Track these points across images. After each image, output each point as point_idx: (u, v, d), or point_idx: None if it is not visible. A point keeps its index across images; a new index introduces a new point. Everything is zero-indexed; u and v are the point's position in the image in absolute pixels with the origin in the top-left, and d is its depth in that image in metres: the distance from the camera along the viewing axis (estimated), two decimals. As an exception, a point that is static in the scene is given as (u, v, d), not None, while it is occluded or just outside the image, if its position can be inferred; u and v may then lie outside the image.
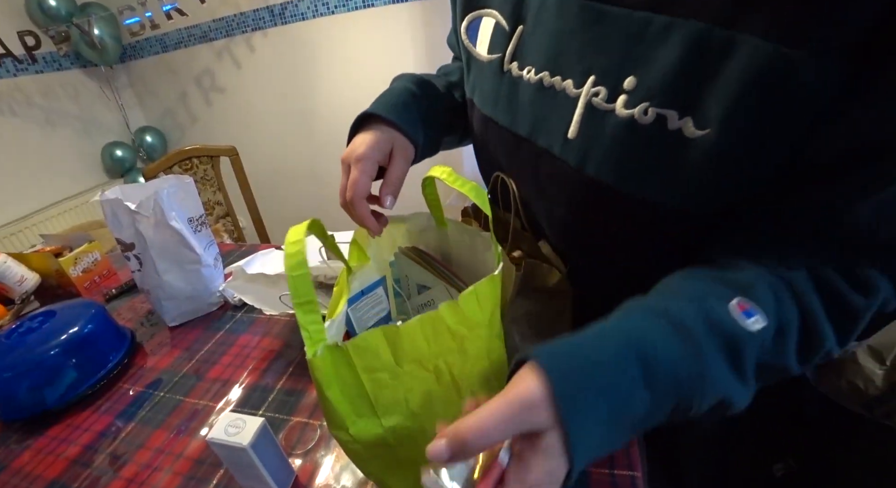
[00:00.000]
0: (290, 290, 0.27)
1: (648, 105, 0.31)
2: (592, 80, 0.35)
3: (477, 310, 0.32)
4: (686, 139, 0.31)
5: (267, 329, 0.78)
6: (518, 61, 0.41)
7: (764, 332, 0.28)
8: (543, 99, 0.39)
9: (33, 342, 0.69)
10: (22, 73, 1.96)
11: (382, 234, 0.46)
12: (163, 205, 0.76)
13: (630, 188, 0.35)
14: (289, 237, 0.28)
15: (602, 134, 0.35)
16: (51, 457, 0.60)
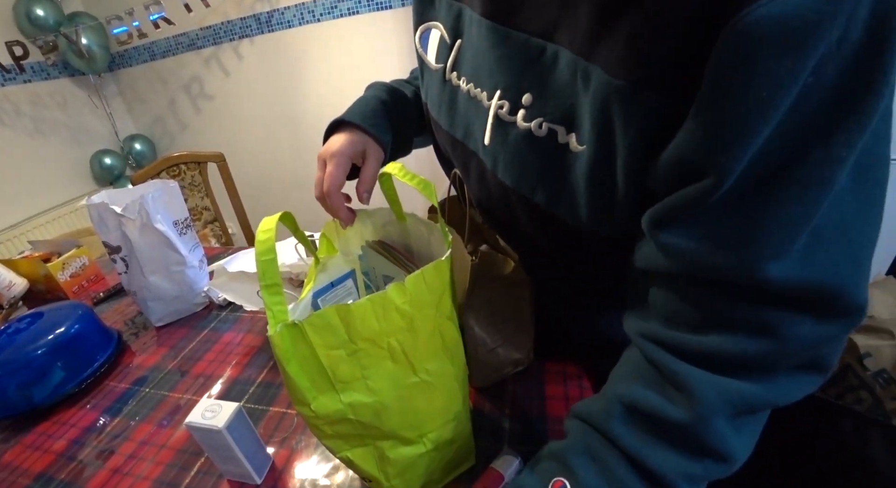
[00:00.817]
0: (258, 274, 0.29)
1: (542, 120, 0.35)
2: (499, 94, 0.39)
3: (424, 291, 0.35)
4: (572, 153, 0.34)
5: (250, 326, 0.81)
6: (457, 71, 0.45)
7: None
8: (471, 107, 0.44)
9: (21, 342, 0.71)
10: (10, 82, 1.98)
11: (352, 229, 0.49)
12: (148, 209, 0.78)
13: (525, 191, 0.39)
14: (261, 226, 0.31)
15: (506, 142, 0.39)
16: (38, 452, 0.63)
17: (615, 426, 0.32)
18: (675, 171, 0.28)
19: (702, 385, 0.29)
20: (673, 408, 0.30)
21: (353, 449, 0.39)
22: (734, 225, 0.27)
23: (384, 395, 0.36)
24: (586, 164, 0.33)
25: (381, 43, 1.92)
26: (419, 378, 0.37)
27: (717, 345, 0.29)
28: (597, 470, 0.32)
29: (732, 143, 0.24)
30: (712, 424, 0.29)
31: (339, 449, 0.39)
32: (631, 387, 0.33)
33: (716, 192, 0.26)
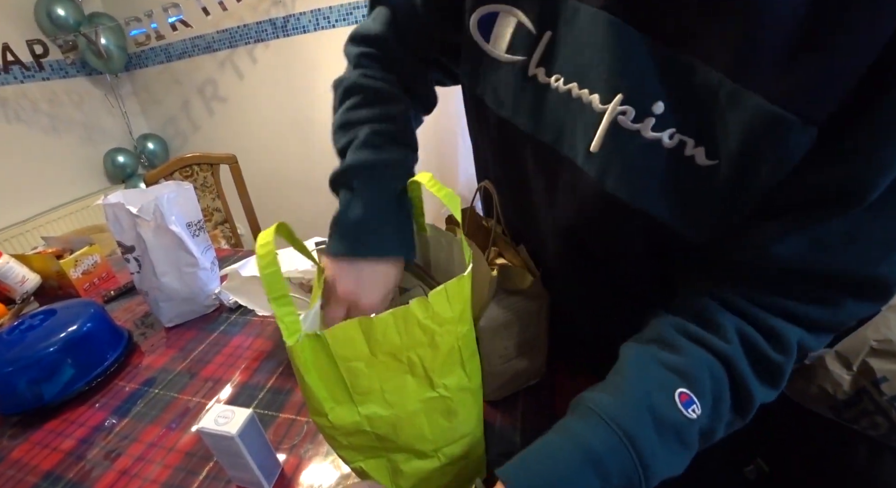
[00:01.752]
0: (264, 287, 0.30)
1: (675, 131, 0.34)
2: (619, 98, 0.35)
3: (447, 307, 0.34)
4: (697, 166, 0.34)
5: (260, 330, 0.81)
6: (545, 68, 0.40)
7: (702, 413, 0.34)
8: (570, 109, 0.39)
9: (33, 339, 0.72)
10: (29, 79, 2.01)
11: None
12: (163, 210, 0.79)
13: (645, 204, 0.37)
14: (259, 240, 0.31)
15: (624, 152, 0.36)
16: (46, 450, 0.63)
17: (737, 353, 0.35)
18: (819, 192, 0.31)
19: (792, 335, 0.35)
20: (772, 350, 0.35)
21: (367, 460, 0.39)
22: (843, 234, 0.32)
23: (401, 409, 0.36)
24: (714, 178, 0.34)
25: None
26: (437, 393, 0.37)
27: (795, 309, 0.35)
28: (713, 387, 0.34)
29: (885, 177, 0.29)
30: (792, 363, 0.35)
31: (353, 460, 0.39)
32: (738, 322, 0.36)
33: (847, 212, 0.31)
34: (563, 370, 0.62)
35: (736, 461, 0.70)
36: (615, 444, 0.32)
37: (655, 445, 0.33)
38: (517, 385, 0.58)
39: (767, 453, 0.70)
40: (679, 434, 0.33)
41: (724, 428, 0.36)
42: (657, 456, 0.32)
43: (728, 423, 0.36)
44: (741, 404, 0.35)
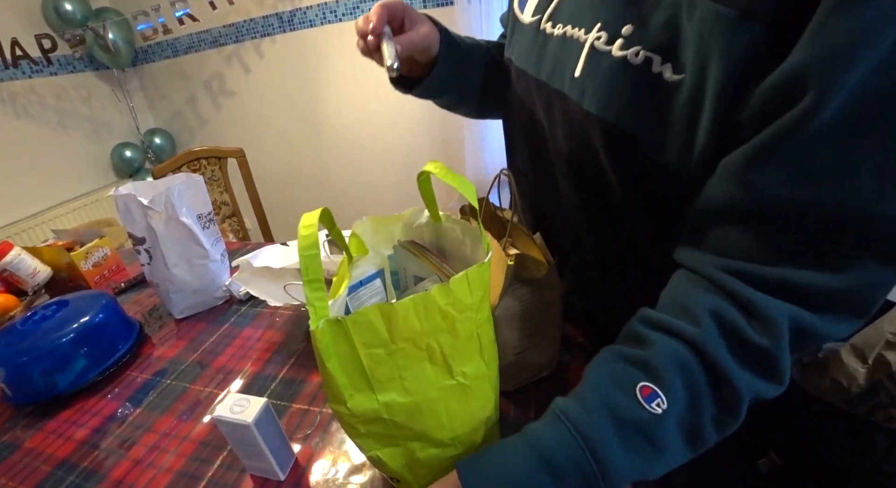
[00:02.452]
0: (301, 269, 0.29)
1: (640, 48, 0.37)
2: (598, 26, 0.41)
3: (467, 294, 0.34)
4: (665, 82, 0.35)
5: (270, 322, 0.81)
6: (552, 21, 0.48)
7: (671, 408, 0.32)
8: (563, 48, 0.46)
9: (47, 329, 0.72)
10: (37, 74, 2.01)
11: (381, 230, 0.49)
12: (174, 202, 0.79)
13: (611, 118, 0.40)
14: (303, 221, 0.31)
15: (598, 71, 0.41)
16: (61, 439, 0.63)
17: (709, 337, 0.32)
18: (774, 97, 0.29)
19: (779, 313, 0.31)
20: (754, 332, 0.31)
21: (384, 448, 0.39)
22: (830, 160, 0.28)
23: (419, 396, 0.36)
24: (679, 92, 0.34)
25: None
26: (455, 380, 0.37)
27: (787, 276, 0.31)
28: (683, 378, 0.32)
29: (837, 67, 0.26)
30: (785, 349, 0.31)
31: (370, 448, 0.39)
32: (714, 301, 0.33)
33: (814, 118, 0.27)
34: (574, 362, 0.61)
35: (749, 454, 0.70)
36: (567, 441, 0.32)
37: (614, 443, 0.32)
38: (530, 376, 0.57)
39: (780, 446, 0.70)
40: (644, 431, 0.32)
41: (712, 423, 0.33)
42: (615, 454, 0.31)
43: (714, 419, 0.33)
44: (722, 395, 0.32)
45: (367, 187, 2.28)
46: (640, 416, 0.32)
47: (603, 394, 0.33)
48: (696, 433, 0.33)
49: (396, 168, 2.19)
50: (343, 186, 2.34)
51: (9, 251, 0.97)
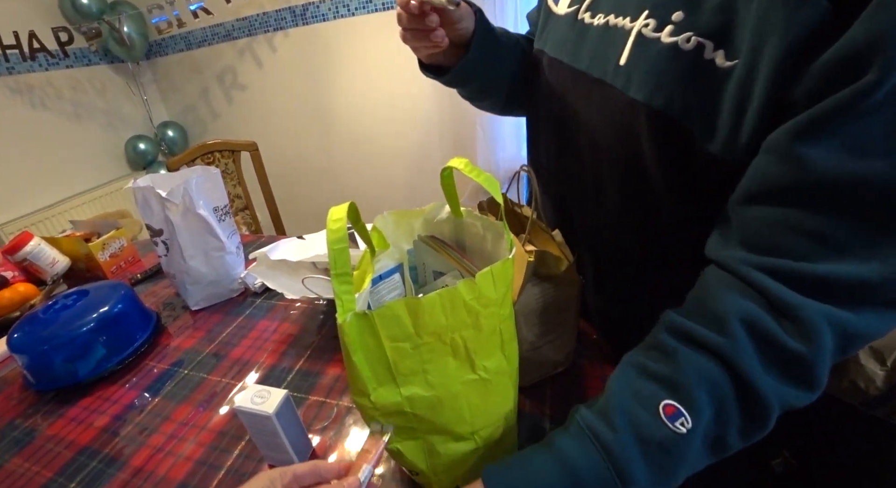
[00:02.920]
0: (329, 262, 0.30)
1: (692, 34, 0.37)
2: (645, 13, 0.41)
3: (491, 289, 0.34)
4: (717, 68, 0.35)
5: (285, 315, 0.82)
6: (591, 11, 0.49)
7: (696, 427, 0.31)
8: (605, 37, 0.46)
9: (68, 318, 0.74)
10: (53, 67, 2.03)
11: (401, 224, 0.49)
12: (191, 194, 0.80)
13: (659, 104, 0.40)
14: (331, 215, 0.31)
15: (646, 58, 0.41)
16: (82, 426, 0.64)
17: (738, 348, 0.31)
18: (834, 73, 0.28)
19: (817, 317, 0.29)
20: (788, 337, 0.30)
21: (404, 441, 0.39)
22: (886, 136, 0.27)
23: (442, 390, 0.36)
24: (731, 78, 0.34)
25: (415, 39, 1.92)
26: (477, 375, 0.37)
27: (828, 272, 0.30)
28: (709, 393, 0.31)
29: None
30: (824, 356, 0.30)
31: (390, 441, 0.39)
32: (745, 304, 0.32)
33: (874, 93, 0.26)
34: (589, 359, 0.61)
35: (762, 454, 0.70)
36: (595, 463, 0.32)
37: (639, 462, 0.31)
38: (545, 372, 0.58)
39: (795, 446, 0.69)
40: (668, 450, 0.31)
41: (738, 434, 0.32)
42: (640, 472, 0.31)
43: (741, 429, 0.32)
44: (750, 407, 0.31)
45: (377, 182, 2.29)
46: (664, 436, 0.31)
47: (627, 411, 0.33)
48: (720, 443, 0.32)
49: (407, 164, 2.19)
50: (353, 181, 2.34)
51: (29, 241, 0.99)
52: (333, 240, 0.30)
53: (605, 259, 0.55)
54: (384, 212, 0.47)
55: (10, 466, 0.60)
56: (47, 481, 0.56)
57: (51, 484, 0.56)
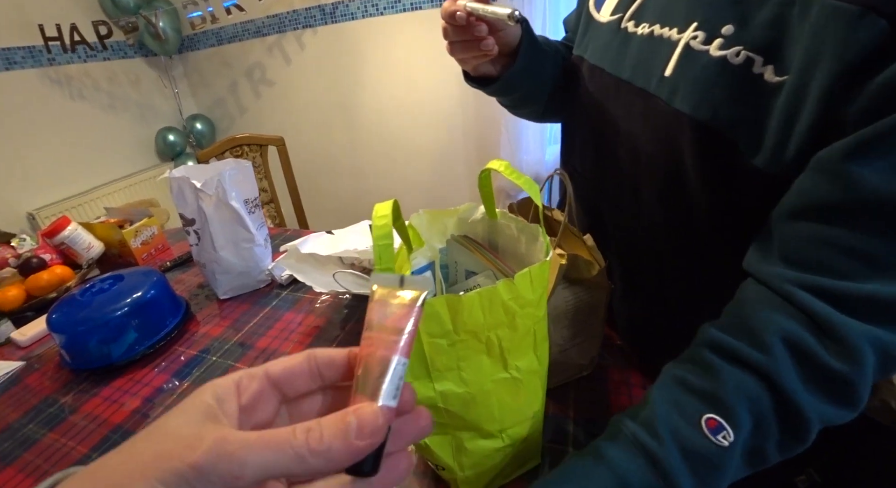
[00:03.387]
0: (374, 257, 0.31)
1: (742, 48, 0.37)
2: (694, 26, 0.41)
3: (529, 290, 0.35)
4: (765, 83, 0.35)
5: (310, 308, 0.83)
6: (635, 20, 0.49)
7: (737, 439, 0.31)
8: (649, 47, 0.46)
9: (103, 301, 0.76)
10: (91, 59, 2.10)
11: (435, 223, 0.50)
12: (224, 186, 0.82)
13: (704, 115, 0.40)
14: (377, 211, 0.32)
15: (692, 70, 0.41)
16: (115, 406, 0.67)
17: (779, 366, 0.31)
18: (890, 93, 0.29)
19: (860, 338, 0.30)
20: (830, 357, 0.30)
21: (433, 436, 0.40)
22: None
23: (475, 387, 0.37)
24: (780, 94, 0.34)
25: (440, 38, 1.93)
26: (509, 374, 0.37)
27: (873, 292, 0.30)
28: (750, 409, 0.32)
29: None
30: (866, 376, 0.30)
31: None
32: (786, 323, 0.32)
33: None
34: (613, 365, 0.61)
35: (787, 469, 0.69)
36: (644, 470, 0.32)
37: (685, 475, 0.32)
38: (569, 375, 0.58)
39: (821, 464, 0.68)
40: (710, 462, 0.32)
41: (776, 447, 0.33)
42: (686, 483, 0.31)
43: (779, 443, 0.33)
44: (790, 423, 0.32)
45: (399, 181, 2.31)
46: (707, 449, 0.32)
47: (671, 424, 0.33)
48: (759, 456, 0.33)
49: (430, 163, 2.21)
50: (376, 179, 2.37)
51: (67, 225, 1.03)
52: (379, 235, 0.31)
53: (638, 267, 0.55)
54: (419, 210, 0.47)
55: (46, 440, 0.62)
56: (82, 457, 0.59)
57: (85, 459, 0.58)
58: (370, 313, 0.22)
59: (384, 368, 0.20)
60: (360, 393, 0.20)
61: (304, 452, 0.17)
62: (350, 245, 0.72)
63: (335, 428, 0.18)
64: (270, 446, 0.17)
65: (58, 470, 0.57)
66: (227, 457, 0.17)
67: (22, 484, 0.56)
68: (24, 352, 0.83)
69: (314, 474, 0.19)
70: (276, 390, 0.22)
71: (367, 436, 0.18)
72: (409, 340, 0.21)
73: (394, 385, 0.20)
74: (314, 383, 0.23)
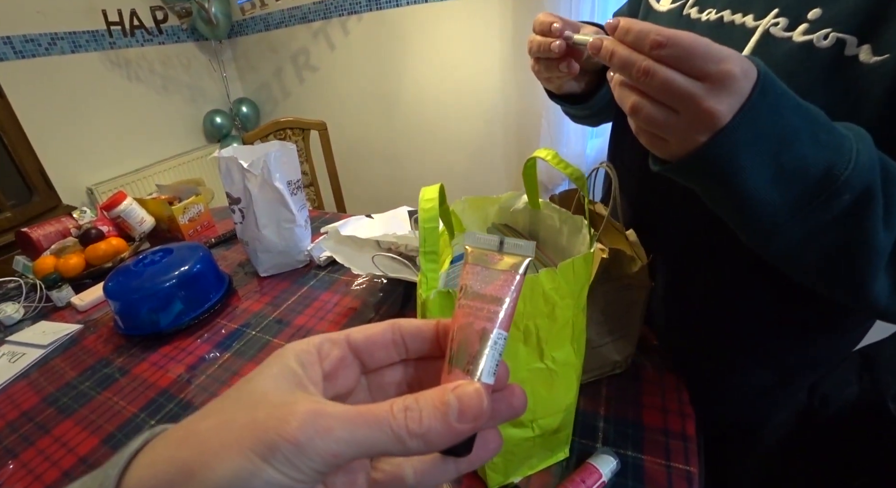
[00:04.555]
0: (420, 240, 0.31)
1: (831, 30, 0.35)
2: (776, 12, 0.39)
3: (572, 281, 0.34)
4: (860, 64, 0.34)
5: (346, 290, 0.85)
6: (699, 6, 0.47)
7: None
8: (717, 34, 0.43)
9: (154, 272, 0.81)
10: (148, 43, 2.20)
11: (477, 211, 0.50)
12: (270, 167, 0.84)
13: None
14: (423, 195, 0.33)
15: (772, 58, 0.38)
16: (162, 371, 0.71)
17: None
18: None
19: None
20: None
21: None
22: None
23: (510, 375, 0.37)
24: (876, 74, 0.33)
25: (484, 29, 1.91)
26: (544, 364, 0.37)
27: None
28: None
29: None
30: None
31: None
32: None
33: None
34: (648, 364, 0.60)
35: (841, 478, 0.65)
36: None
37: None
38: (604, 371, 0.57)
39: (875, 473, 0.64)
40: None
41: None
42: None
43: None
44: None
45: (436, 170, 2.31)
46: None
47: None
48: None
49: (468, 154, 2.20)
50: (413, 167, 2.38)
51: (123, 200, 1.09)
52: (426, 218, 0.31)
53: (688, 265, 0.53)
54: (462, 197, 0.47)
55: (101, 398, 0.67)
56: (131, 416, 0.63)
57: (134, 418, 0.62)
58: (465, 277, 0.20)
59: (483, 342, 0.18)
60: (455, 368, 0.18)
61: (402, 433, 0.16)
62: (388, 229, 0.73)
63: (434, 409, 0.17)
64: (370, 424, 0.16)
65: (111, 426, 0.61)
66: (325, 433, 0.15)
67: (78, 436, 0.61)
68: (83, 316, 0.89)
69: (409, 455, 0.18)
70: (356, 359, 0.21)
71: (470, 420, 0.17)
72: (509, 311, 0.19)
73: (494, 360, 0.18)
74: (397, 354, 0.21)
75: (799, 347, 0.54)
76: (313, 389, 0.18)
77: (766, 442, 0.64)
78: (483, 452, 0.19)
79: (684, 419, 0.52)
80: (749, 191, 0.31)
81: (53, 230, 1.10)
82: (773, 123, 0.30)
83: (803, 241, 0.33)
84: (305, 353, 0.19)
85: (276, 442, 0.15)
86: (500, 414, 0.19)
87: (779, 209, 0.32)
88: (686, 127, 0.30)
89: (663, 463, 0.47)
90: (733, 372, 0.58)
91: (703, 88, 0.28)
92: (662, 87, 0.29)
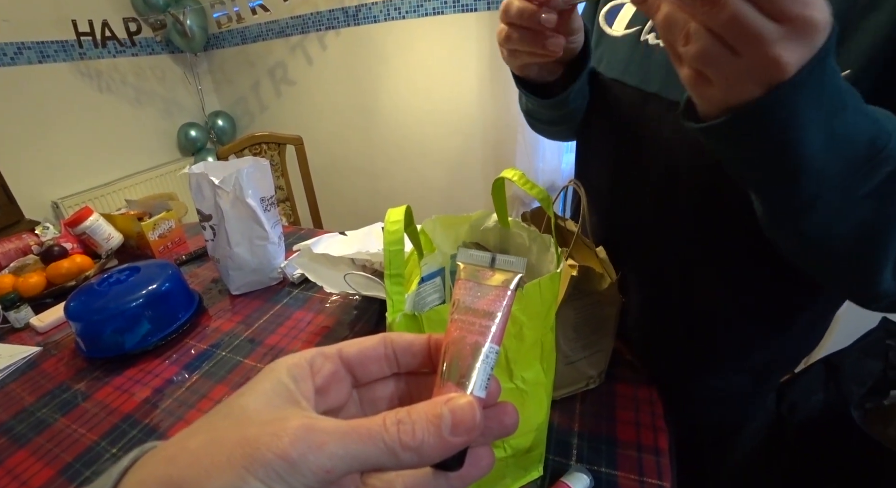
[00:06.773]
0: (384, 262, 0.31)
1: None
2: None
3: (538, 301, 0.35)
4: None
5: (320, 308, 0.84)
6: (655, 32, 0.47)
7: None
8: None
9: (119, 292, 0.78)
10: (120, 54, 2.16)
11: (448, 230, 0.50)
12: (242, 183, 0.83)
13: None
14: (389, 217, 0.33)
15: None
16: (126, 395, 0.68)
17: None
18: None
19: None
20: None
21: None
22: None
23: (479, 396, 0.36)
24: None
25: (461, 46, 1.94)
26: (514, 385, 0.37)
27: None
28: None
29: None
30: None
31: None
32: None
33: None
34: (621, 379, 0.61)
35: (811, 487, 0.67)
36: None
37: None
38: (576, 388, 0.57)
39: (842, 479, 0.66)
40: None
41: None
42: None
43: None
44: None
45: (414, 185, 2.32)
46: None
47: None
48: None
49: (446, 169, 2.21)
50: (391, 182, 2.38)
51: (89, 216, 1.05)
52: (391, 241, 0.31)
53: (660, 279, 0.54)
54: (432, 216, 0.47)
55: (58, 426, 0.64)
56: (91, 443, 0.60)
57: (94, 446, 0.60)
58: (458, 292, 0.20)
59: (475, 356, 0.19)
60: (447, 381, 0.18)
61: (396, 447, 0.16)
62: (363, 247, 0.72)
63: (427, 422, 0.17)
64: (363, 438, 0.16)
65: (68, 456, 0.58)
66: (317, 449, 0.15)
67: (32, 467, 0.57)
68: (42, 338, 0.85)
69: (402, 469, 0.17)
70: (348, 373, 0.21)
71: (463, 433, 0.17)
72: (501, 326, 0.19)
73: (486, 374, 0.18)
74: (389, 368, 0.22)
75: (767, 348, 0.55)
76: (305, 404, 0.18)
77: (739, 452, 0.65)
78: (475, 470, 0.19)
79: (657, 433, 0.53)
80: (800, 158, 0.28)
81: (13, 247, 1.05)
82: (833, 85, 0.27)
83: (835, 218, 0.32)
84: (297, 368, 0.19)
85: (267, 459, 0.15)
86: (492, 431, 0.20)
87: (825, 179, 0.29)
88: (741, 73, 0.26)
89: (637, 479, 0.48)
90: (708, 377, 0.59)
91: (777, 32, 0.24)
92: (730, 22, 0.24)
